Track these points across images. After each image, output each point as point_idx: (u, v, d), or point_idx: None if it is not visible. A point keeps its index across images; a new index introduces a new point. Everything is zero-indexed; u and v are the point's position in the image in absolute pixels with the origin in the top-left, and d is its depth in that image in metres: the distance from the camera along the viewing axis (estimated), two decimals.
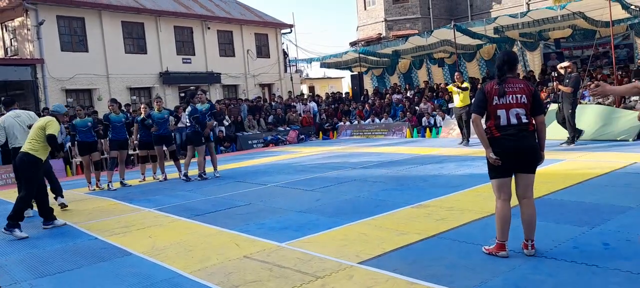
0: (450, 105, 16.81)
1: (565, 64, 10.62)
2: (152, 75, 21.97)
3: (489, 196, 6.42)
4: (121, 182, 10.50)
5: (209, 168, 11.06)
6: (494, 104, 3.97)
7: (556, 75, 12.20)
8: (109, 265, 4.84)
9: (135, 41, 21.65)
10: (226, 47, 25.02)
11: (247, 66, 25.58)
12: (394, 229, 5.20)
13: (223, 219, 6.41)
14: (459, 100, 12.68)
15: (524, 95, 3.95)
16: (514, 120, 3.93)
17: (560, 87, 10.34)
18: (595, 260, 3.85)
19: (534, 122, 4.02)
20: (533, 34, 17.39)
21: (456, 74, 13.25)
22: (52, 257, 5.34)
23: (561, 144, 10.62)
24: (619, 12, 14.01)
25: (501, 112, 3.95)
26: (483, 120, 4.10)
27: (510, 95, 3.94)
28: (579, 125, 10.71)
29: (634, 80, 11.24)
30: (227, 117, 18.88)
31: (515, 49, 19.06)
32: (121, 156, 10.58)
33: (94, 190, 10.23)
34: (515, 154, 3.95)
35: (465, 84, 12.80)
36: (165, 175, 11.12)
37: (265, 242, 5.10)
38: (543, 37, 17.72)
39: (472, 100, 14.28)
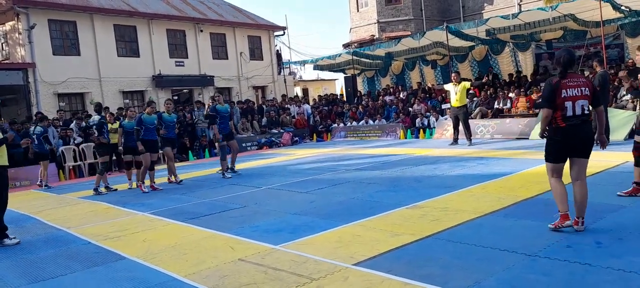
0: (444, 106, 16.89)
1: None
2: (145, 78, 21.90)
3: (483, 196, 6.46)
4: (106, 187, 10.39)
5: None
6: (562, 96, 4.35)
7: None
8: (104, 270, 4.82)
9: (127, 44, 21.57)
10: (219, 50, 24.98)
11: (240, 68, 25.56)
12: (389, 230, 5.22)
13: (217, 222, 6.40)
14: (455, 100, 12.70)
15: (586, 88, 4.39)
16: (578, 111, 4.36)
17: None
18: (588, 258, 3.88)
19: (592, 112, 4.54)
20: (524, 36, 17.51)
21: (453, 74, 13.29)
22: (46, 262, 5.31)
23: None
24: (609, 13, 14.12)
25: (568, 104, 4.35)
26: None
27: (575, 88, 4.32)
28: None
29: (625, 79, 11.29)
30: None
31: (506, 49, 19.18)
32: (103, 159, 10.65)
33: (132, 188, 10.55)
34: (576, 143, 4.42)
35: (465, 84, 12.81)
36: (178, 177, 10.77)
37: (259, 245, 5.10)
38: (534, 38, 17.83)
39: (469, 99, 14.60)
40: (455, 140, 13.08)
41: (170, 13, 22.93)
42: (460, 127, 12.96)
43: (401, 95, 20.71)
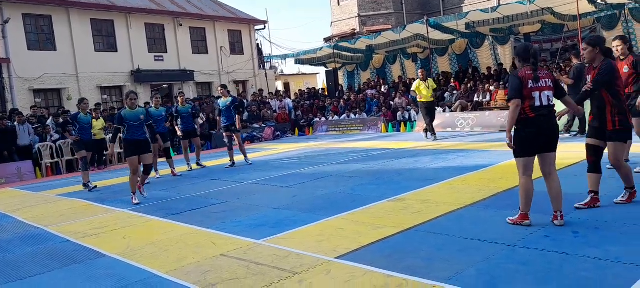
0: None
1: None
2: (123, 73, 21.58)
3: (463, 188, 6.53)
4: (85, 185, 10.01)
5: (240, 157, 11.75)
6: (529, 87, 4.37)
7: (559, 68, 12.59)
8: (83, 268, 4.75)
9: (105, 39, 21.22)
10: (199, 44, 24.73)
11: (221, 63, 25.35)
12: (371, 223, 5.24)
13: (199, 218, 6.35)
14: (426, 95, 13.10)
15: (549, 80, 4.46)
16: (545, 102, 4.40)
17: (562, 78, 10.49)
18: (565, 248, 3.95)
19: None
20: (503, 29, 17.71)
21: (420, 70, 13.79)
22: (23, 260, 5.21)
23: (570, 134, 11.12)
24: (586, 6, 14.36)
25: (536, 94, 4.38)
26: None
27: (542, 80, 4.41)
28: None
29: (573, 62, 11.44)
30: (201, 115, 18.68)
31: (486, 43, 19.38)
32: (89, 156, 10.32)
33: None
34: (545, 133, 4.42)
35: (431, 82, 13.47)
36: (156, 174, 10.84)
37: (241, 240, 5.08)
38: (513, 32, 18.05)
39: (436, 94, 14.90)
40: (433, 133, 13.18)
41: (148, 7, 22.61)
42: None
43: (382, 89, 20.79)
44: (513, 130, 4.52)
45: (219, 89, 11.83)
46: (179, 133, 11.68)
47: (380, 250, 4.37)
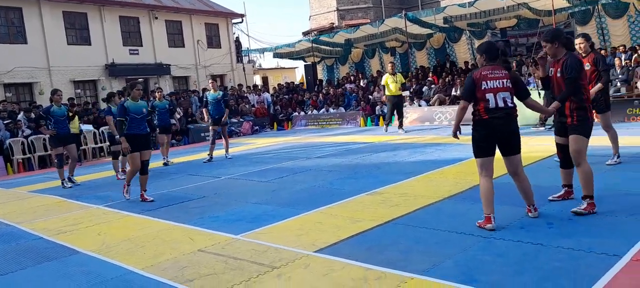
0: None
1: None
2: (97, 67, 21.15)
3: (441, 182, 6.60)
4: (69, 179, 9.78)
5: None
6: (483, 88, 4.26)
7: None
8: (56, 265, 4.64)
9: (78, 32, 20.75)
10: (175, 38, 24.38)
11: (198, 57, 25.05)
12: (349, 217, 5.25)
13: (176, 213, 6.28)
14: (393, 88, 13.54)
15: (508, 80, 4.31)
16: (501, 104, 4.27)
17: (536, 73, 10.64)
18: (540, 239, 4.02)
19: (517, 107, 4.38)
20: (480, 24, 17.91)
21: (389, 63, 14.27)
22: None
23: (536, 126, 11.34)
24: (560, 2, 14.64)
25: (490, 96, 4.26)
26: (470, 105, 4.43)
27: (496, 80, 4.27)
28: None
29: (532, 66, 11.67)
30: (178, 110, 18.46)
31: (463, 37, 19.57)
32: (71, 152, 9.94)
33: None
34: (501, 136, 4.33)
35: (400, 77, 14.04)
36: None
37: (220, 235, 5.04)
38: (490, 27, 18.27)
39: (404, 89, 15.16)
40: (401, 125, 13.80)
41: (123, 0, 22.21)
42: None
43: (361, 83, 20.84)
44: (472, 129, 4.45)
45: (210, 81, 11.89)
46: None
47: (359, 244, 4.38)
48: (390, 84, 13.57)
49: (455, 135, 4.51)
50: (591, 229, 4.16)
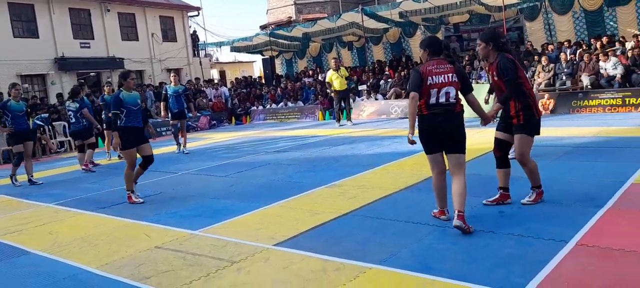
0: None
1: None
2: (46, 61, 20.33)
3: (398, 173, 6.73)
4: (30, 181, 9.16)
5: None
6: (428, 83, 4.14)
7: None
8: (5, 266, 4.46)
9: (25, 24, 19.89)
10: (128, 31, 23.72)
11: (153, 50, 24.46)
12: (309, 210, 5.29)
13: (132, 210, 6.14)
14: (338, 84, 13.95)
15: (454, 74, 4.18)
16: (442, 99, 4.15)
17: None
18: (492, 226, 4.19)
19: (462, 102, 4.26)
20: (434, 19, 18.29)
21: (333, 59, 14.72)
22: None
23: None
24: None
25: (433, 91, 4.14)
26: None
27: (442, 75, 4.15)
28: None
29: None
30: None
31: (418, 32, 19.93)
32: (27, 150, 9.41)
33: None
34: (442, 132, 4.20)
35: (343, 71, 14.39)
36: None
37: (177, 231, 4.97)
38: (444, 22, 18.70)
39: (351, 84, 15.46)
40: (349, 118, 14.32)
41: None
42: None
43: (319, 77, 20.88)
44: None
45: (172, 75, 11.87)
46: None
47: (318, 236, 4.43)
48: (335, 80, 13.97)
49: (411, 141, 4.18)
50: (539, 216, 4.35)
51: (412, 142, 4.18)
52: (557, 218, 4.27)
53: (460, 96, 4.27)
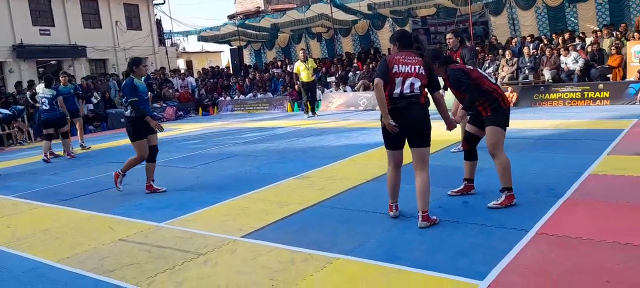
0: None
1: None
2: (3, 48, 19.57)
3: (365, 164, 6.78)
4: None
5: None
6: (393, 71, 4.06)
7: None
8: None
9: None
10: (91, 18, 23.03)
11: (116, 39, 23.83)
12: (277, 201, 5.28)
13: (95, 202, 6.00)
14: (305, 76, 14.17)
15: (421, 67, 4.09)
16: (407, 90, 4.05)
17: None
18: (456, 216, 4.28)
19: (428, 96, 4.17)
20: (402, 12, 18.46)
21: (301, 51, 14.84)
22: None
23: None
24: None
25: (398, 80, 4.04)
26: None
27: (409, 66, 4.07)
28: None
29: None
30: (96, 94, 17.53)
31: (387, 24, 20.08)
32: None
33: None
34: (405, 124, 4.07)
35: (311, 62, 14.58)
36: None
37: (142, 223, 4.88)
38: (411, 15, 18.90)
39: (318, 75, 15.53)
40: (313, 111, 14.52)
41: None
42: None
43: (288, 68, 20.81)
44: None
45: (61, 75, 10.89)
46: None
47: (286, 227, 4.43)
48: (302, 71, 14.12)
49: (393, 126, 4.04)
50: (501, 207, 4.46)
51: (395, 127, 4.03)
52: (519, 208, 4.39)
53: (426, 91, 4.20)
